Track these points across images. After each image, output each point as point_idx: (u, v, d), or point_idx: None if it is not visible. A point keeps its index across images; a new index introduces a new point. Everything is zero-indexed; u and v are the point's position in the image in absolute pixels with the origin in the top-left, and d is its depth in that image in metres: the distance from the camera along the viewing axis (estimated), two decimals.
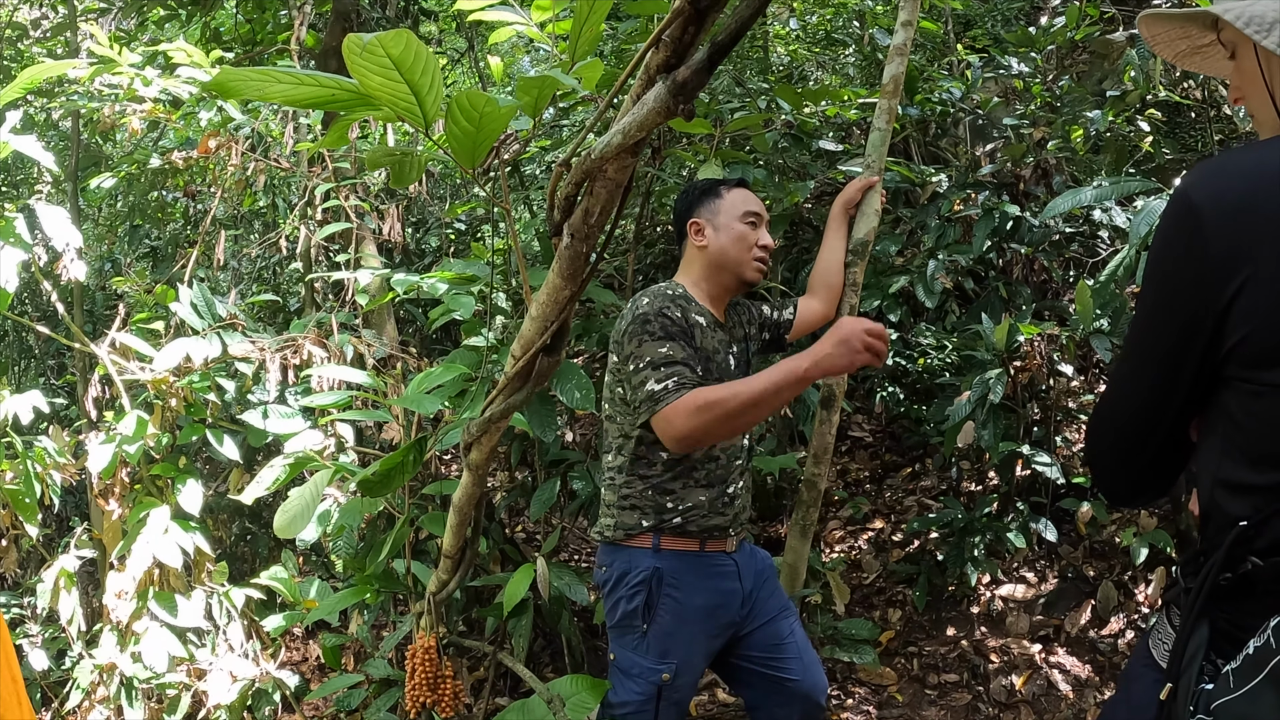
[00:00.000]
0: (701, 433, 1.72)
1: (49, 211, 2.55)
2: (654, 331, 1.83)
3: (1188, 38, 1.21)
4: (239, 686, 2.61)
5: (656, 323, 1.84)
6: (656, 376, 1.78)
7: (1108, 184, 2.53)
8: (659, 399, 1.76)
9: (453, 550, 1.88)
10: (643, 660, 1.92)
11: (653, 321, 1.84)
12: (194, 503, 2.79)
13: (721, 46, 0.77)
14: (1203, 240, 0.95)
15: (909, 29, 2.47)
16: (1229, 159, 0.99)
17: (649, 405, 1.78)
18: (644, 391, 1.79)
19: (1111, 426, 1.11)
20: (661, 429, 1.76)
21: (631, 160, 0.95)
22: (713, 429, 1.72)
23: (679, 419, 1.72)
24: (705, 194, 2.06)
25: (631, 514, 1.93)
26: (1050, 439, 3.15)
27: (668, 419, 1.74)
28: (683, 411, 1.72)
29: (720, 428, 1.72)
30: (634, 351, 1.82)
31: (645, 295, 1.92)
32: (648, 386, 1.78)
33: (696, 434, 1.72)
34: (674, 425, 1.73)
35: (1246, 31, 0.98)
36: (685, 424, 1.71)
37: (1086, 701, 2.78)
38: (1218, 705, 0.91)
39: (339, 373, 2.61)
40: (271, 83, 1.22)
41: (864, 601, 3.44)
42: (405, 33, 1.06)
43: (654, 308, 1.87)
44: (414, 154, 1.36)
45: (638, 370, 1.81)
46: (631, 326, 1.85)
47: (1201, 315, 0.96)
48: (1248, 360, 0.95)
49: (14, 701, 1.32)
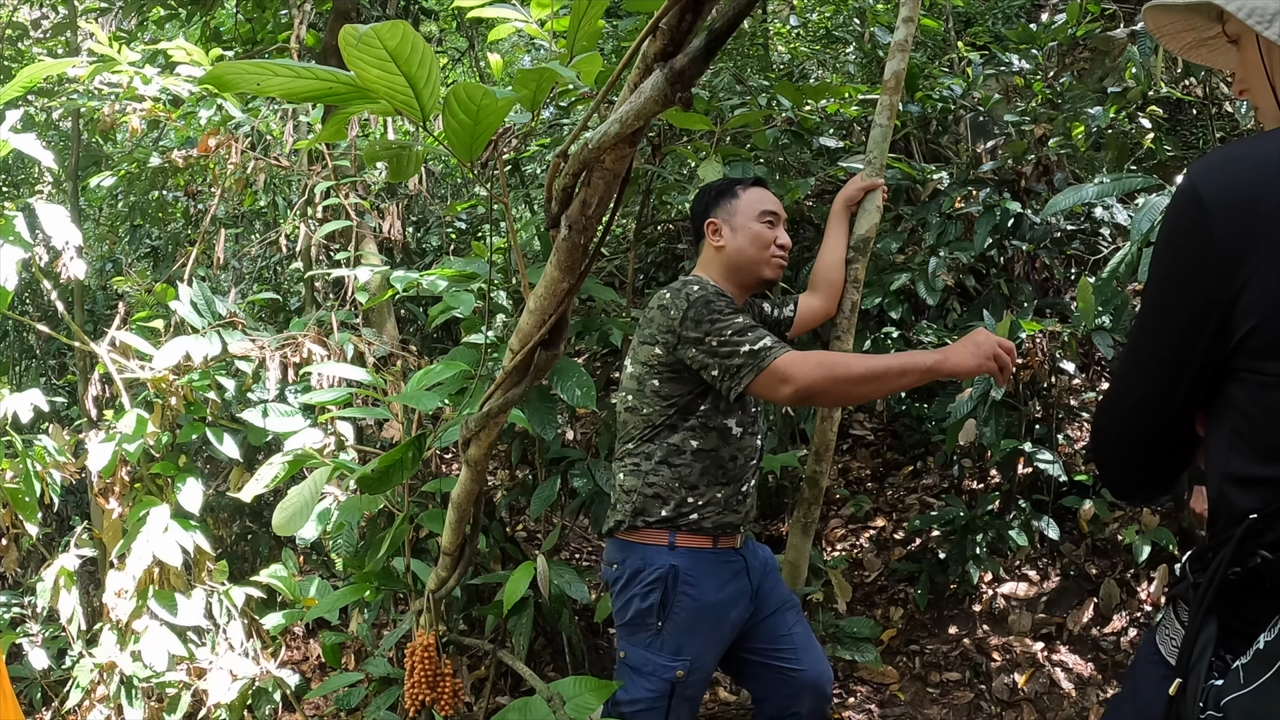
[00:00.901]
0: (822, 388, 1.75)
1: (48, 210, 2.54)
2: (722, 308, 1.85)
3: (1193, 29, 1.20)
4: (239, 685, 2.60)
5: (720, 300, 1.87)
6: (750, 339, 1.79)
7: (1109, 181, 2.52)
8: (763, 355, 1.77)
9: (452, 547, 1.88)
10: (656, 657, 1.92)
11: (715, 300, 1.86)
12: (194, 501, 2.78)
13: (719, 34, 0.77)
14: (1208, 231, 0.94)
15: (910, 25, 2.46)
16: (1235, 150, 0.98)
17: (753, 364, 1.77)
18: (742, 354, 1.79)
19: (1118, 420, 1.10)
20: (777, 381, 1.76)
21: (629, 150, 0.95)
22: (832, 389, 1.75)
23: (800, 369, 1.74)
24: (722, 194, 2.07)
25: (654, 501, 1.93)
26: (1052, 436, 3.14)
27: (786, 370, 1.75)
28: (804, 364, 1.74)
29: (839, 388, 1.76)
30: (709, 328, 1.82)
31: (687, 284, 1.92)
32: (745, 348, 1.79)
33: (818, 387, 1.74)
34: (795, 375, 1.74)
35: (1249, 23, 0.97)
36: (809, 375, 1.73)
37: (1089, 700, 2.77)
38: (1228, 701, 0.90)
39: (338, 370, 2.61)
40: (269, 76, 1.22)
41: (866, 600, 3.43)
42: (402, 24, 1.05)
43: (708, 290, 1.89)
44: (411, 148, 1.35)
45: (724, 340, 1.81)
46: (692, 310, 1.84)
47: (1208, 307, 0.95)
48: (1256, 351, 0.93)
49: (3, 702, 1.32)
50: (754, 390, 1.81)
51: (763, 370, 1.77)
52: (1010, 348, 1.74)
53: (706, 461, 1.93)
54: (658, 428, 1.93)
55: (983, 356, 1.72)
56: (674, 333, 1.86)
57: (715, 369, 1.84)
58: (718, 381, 1.84)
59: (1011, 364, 1.74)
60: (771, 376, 1.76)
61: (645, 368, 1.94)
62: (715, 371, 1.84)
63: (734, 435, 1.97)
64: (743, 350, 1.79)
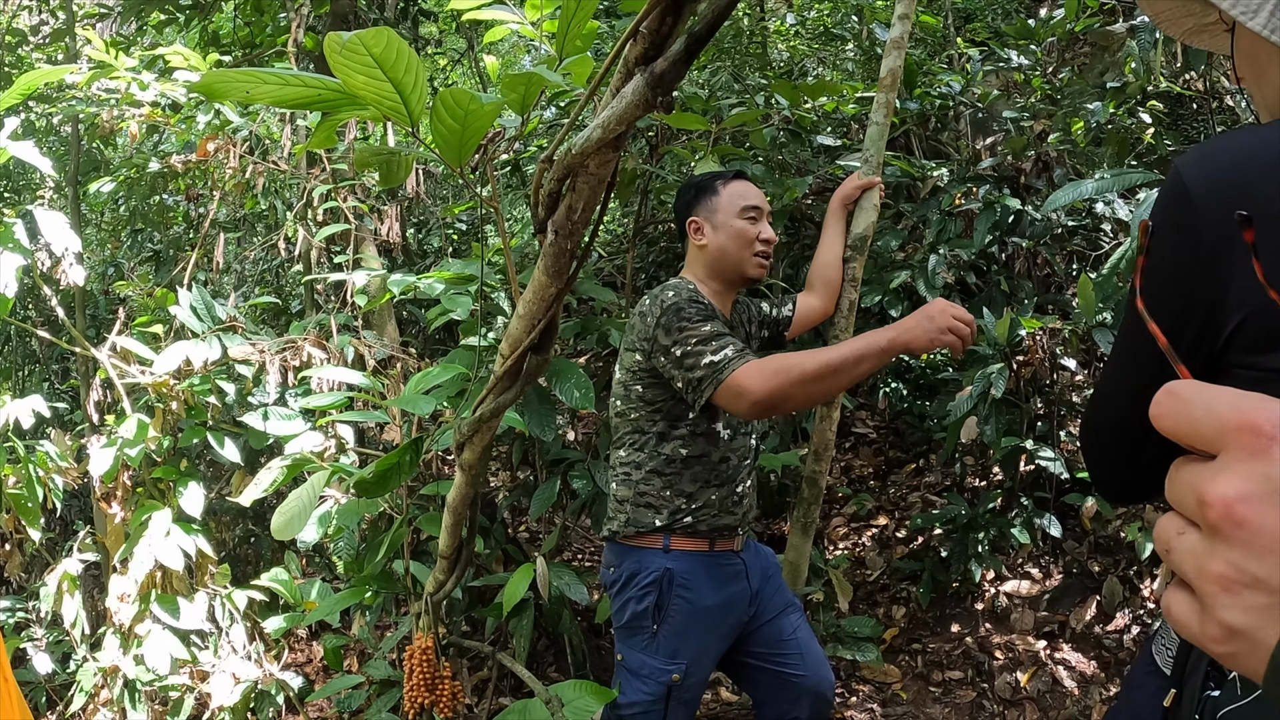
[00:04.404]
0: (780, 395, 1.68)
1: (47, 216, 2.55)
2: (692, 315, 1.81)
3: (1191, 15, 1.17)
4: (242, 688, 2.61)
5: (691, 308, 1.83)
6: (712, 349, 1.75)
7: (1109, 176, 2.50)
8: (722, 367, 1.72)
9: (448, 551, 1.87)
10: (652, 661, 1.91)
11: (686, 308, 1.82)
12: (196, 505, 2.79)
13: (699, 37, 0.76)
14: (1195, 223, 0.91)
15: (906, 22, 2.45)
16: (1224, 140, 0.96)
17: (712, 376, 1.73)
18: (702, 366, 1.74)
19: (1108, 424, 1.07)
20: (734, 394, 1.71)
21: (613, 155, 0.95)
22: (791, 393, 1.68)
23: (756, 381, 1.68)
24: (702, 191, 2.04)
25: (646, 511, 1.92)
26: (1054, 434, 3.13)
27: (741, 384, 1.69)
28: (759, 374, 1.69)
29: (798, 391, 1.68)
30: (677, 337, 1.79)
31: (664, 290, 1.90)
32: (705, 359, 1.74)
33: (775, 396, 1.68)
34: (750, 388, 1.68)
35: (1233, 13, 0.95)
36: (764, 385, 1.67)
37: (1092, 698, 2.76)
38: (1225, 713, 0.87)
39: (337, 374, 2.61)
40: (257, 84, 1.22)
41: (868, 599, 3.42)
42: (386, 30, 1.05)
43: (681, 297, 1.85)
44: (401, 153, 1.35)
45: (688, 351, 1.77)
46: (664, 317, 1.82)
47: (1197, 301, 0.93)
48: (1247, 346, 0.91)
49: (9, 702, 1.32)
50: (717, 403, 1.76)
51: (721, 383, 1.72)
52: (969, 319, 1.68)
53: (697, 466, 1.91)
54: (646, 434, 1.92)
55: (936, 330, 1.67)
56: (650, 339, 1.85)
57: (680, 380, 1.81)
58: (683, 392, 1.82)
59: (970, 334, 1.68)
60: (728, 390, 1.71)
61: (629, 373, 1.94)
62: (680, 383, 1.81)
63: (723, 438, 1.95)
64: (703, 362, 1.74)
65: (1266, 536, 0.35)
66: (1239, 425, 0.36)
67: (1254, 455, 0.36)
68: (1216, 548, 0.36)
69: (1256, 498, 0.35)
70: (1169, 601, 0.40)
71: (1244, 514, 0.35)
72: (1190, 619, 0.38)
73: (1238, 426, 0.36)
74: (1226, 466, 0.37)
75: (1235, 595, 0.36)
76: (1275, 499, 0.35)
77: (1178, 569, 0.39)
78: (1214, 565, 0.36)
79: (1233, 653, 0.36)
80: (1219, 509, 0.36)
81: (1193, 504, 0.38)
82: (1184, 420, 0.39)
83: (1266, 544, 0.35)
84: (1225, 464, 0.37)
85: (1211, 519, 0.36)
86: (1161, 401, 0.41)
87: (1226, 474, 0.36)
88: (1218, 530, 0.36)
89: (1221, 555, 0.36)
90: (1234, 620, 0.36)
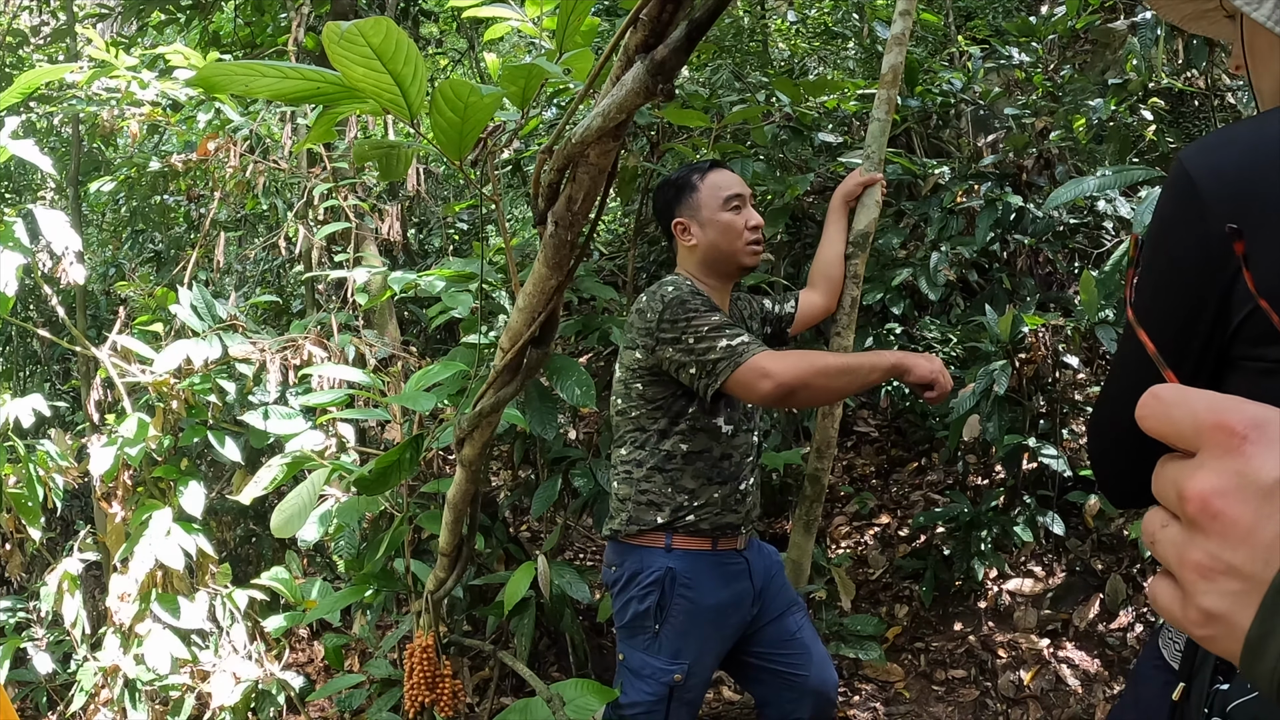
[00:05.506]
0: (802, 382, 1.70)
1: (48, 216, 2.55)
2: (698, 306, 1.82)
3: (1191, 1, 1.17)
4: (242, 688, 2.61)
5: (695, 299, 1.83)
6: (727, 335, 1.76)
7: (1111, 173, 2.50)
8: (740, 350, 1.74)
9: (449, 549, 1.87)
10: (654, 660, 1.90)
11: (690, 300, 1.83)
12: (196, 504, 2.79)
13: (699, 24, 0.76)
14: (1202, 215, 0.90)
15: (907, 19, 2.45)
16: (1228, 131, 0.95)
17: (730, 359, 1.74)
18: (719, 349, 1.75)
19: (1114, 425, 1.04)
20: (757, 375, 1.72)
21: (614, 144, 0.94)
22: (812, 381, 1.71)
23: (779, 364, 1.71)
24: (681, 190, 2.00)
25: (648, 509, 1.91)
26: (1056, 432, 3.12)
27: (765, 365, 1.71)
28: (784, 360, 1.71)
29: (819, 381, 1.72)
30: (685, 328, 1.79)
31: (663, 285, 1.89)
32: (722, 343, 1.75)
33: (798, 381, 1.70)
34: (774, 370, 1.70)
35: (1237, 3, 0.95)
36: (788, 369, 1.70)
37: (1095, 696, 2.75)
38: (1234, 706, 0.86)
39: (337, 372, 2.60)
40: (256, 77, 1.21)
41: (870, 597, 3.41)
42: (385, 20, 1.04)
43: (683, 290, 1.85)
44: (400, 147, 1.35)
45: (701, 337, 1.77)
46: (668, 310, 1.82)
47: (1205, 294, 0.91)
48: (1255, 338, 0.89)
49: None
50: (730, 387, 1.76)
51: (740, 365, 1.73)
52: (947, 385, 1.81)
53: (699, 464, 1.90)
54: (647, 432, 1.91)
55: (929, 369, 1.79)
56: (651, 335, 1.84)
57: (692, 367, 1.80)
58: (694, 380, 1.80)
59: (941, 396, 1.81)
60: (750, 371, 1.72)
61: (629, 371, 1.93)
62: (693, 369, 1.80)
63: (724, 434, 1.94)
64: (720, 345, 1.75)
65: (1240, 528, 0.38)
66: (1214, 425, 0.39)
67: (1228, 453, 0.38)
68: (1195, 539, 0.39)
69: (1230, 492, 0.38)
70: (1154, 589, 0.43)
71: (1219, 507, 0.38)
72: (1173, 605, 0.41)
73: (1213, 426, 0.39)
74: (1203, 464, 0.39)
75: (1212, 582, 0.38)
76: (1247, 493, 0.37)
77: (1161, 559, 0.42)
78: (1193, 555, 0.39)
79: (1212, 635, 0.39)
80: (1196, 503, 0.39)
81: (1174, 498, 0.41)
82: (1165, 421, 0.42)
83: (1240, 535, 0.38)
84: (1202, 461, 0.40)
85: (1190, 512, 0.39)
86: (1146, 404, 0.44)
87: (1203, 471, 0.39)
88: (1196, 523, 0.39)
89: (1200, 545, 0.39)
90: (1212, 605, 0.39)
